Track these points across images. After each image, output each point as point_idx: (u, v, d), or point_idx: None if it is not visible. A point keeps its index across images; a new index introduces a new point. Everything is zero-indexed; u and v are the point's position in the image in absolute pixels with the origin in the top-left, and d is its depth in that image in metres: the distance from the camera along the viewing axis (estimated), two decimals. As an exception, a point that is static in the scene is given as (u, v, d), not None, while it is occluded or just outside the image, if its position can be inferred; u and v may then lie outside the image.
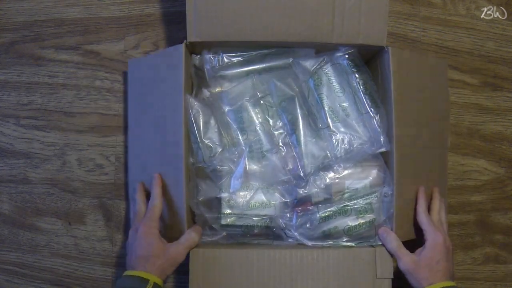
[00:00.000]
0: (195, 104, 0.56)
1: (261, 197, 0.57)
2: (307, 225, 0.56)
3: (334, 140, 0.57)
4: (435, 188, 0.59)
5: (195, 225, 0.56)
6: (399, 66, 0.55)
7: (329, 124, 0.58)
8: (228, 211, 0.57)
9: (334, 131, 0.57)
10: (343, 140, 0.57)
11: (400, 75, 0.55)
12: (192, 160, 0.57)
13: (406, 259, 0.53)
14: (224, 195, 0.56)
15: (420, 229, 0.55)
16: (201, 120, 0.56)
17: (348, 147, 0.57)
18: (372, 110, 0.57)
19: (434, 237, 0.53)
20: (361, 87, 0.58)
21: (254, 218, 0.57)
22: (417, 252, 0.54)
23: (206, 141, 0.56)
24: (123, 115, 0.68)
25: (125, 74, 0.67)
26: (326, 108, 0.58)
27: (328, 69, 0.59)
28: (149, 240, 0.51)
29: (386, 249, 0.54)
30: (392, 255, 0.55)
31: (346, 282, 0.53)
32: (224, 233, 0.57)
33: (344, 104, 0.58)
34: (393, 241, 0.54)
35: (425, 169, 0.59)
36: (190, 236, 0.53)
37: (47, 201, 0.68)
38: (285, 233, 0.57)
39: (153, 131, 0.57)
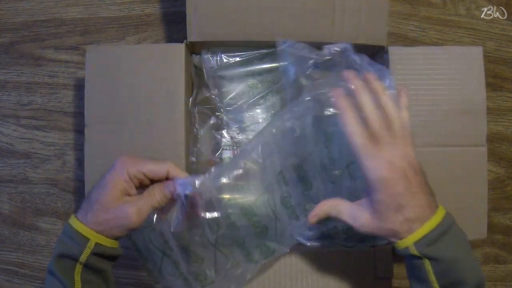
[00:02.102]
0: (196, 104, 0.56)
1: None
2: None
3: None
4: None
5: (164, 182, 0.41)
6: (399, 65, 0.55)
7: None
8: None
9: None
10: None
11: (400, 74, 0.55)
12: (193, 159, 0.57)
13: (364, 220, 0.38)
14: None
15: None
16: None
17: None
18: None
19: (373, 173, 0.35)
20: None
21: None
22: (368, 200, 0.38)
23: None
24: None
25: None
26: None
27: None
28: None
29: (327, 214, 0.41)
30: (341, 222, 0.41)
31: (346, 282, 0.53)
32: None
33: None
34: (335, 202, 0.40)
35: (433, 167, 0.52)
36: (151, 194, 0.40)
37: (47, 201, 0.68)
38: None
39: (136, 129, 0.54)
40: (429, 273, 0.36)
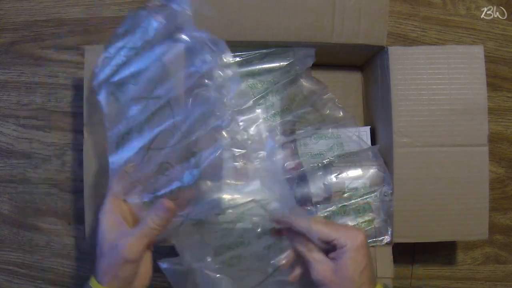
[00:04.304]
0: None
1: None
2: None
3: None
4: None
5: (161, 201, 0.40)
6: (399, 65, 0.55)
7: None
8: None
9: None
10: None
11: (400, 74, 0.55)
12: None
13: (321, 267, 0.41)
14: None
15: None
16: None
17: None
18: None
19: (356, 238, 0.40)
20: None
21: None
22: (333, 257, 0.41)
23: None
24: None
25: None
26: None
27: None
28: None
29: (294, 247, 0.44)
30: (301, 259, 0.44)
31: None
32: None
33: None
34: (303, 240, 0.42)
35: (433, 167, 0.55)
36: (148, 221, 0.39)
37: (47, 201, 0.68)
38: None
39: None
40: None
